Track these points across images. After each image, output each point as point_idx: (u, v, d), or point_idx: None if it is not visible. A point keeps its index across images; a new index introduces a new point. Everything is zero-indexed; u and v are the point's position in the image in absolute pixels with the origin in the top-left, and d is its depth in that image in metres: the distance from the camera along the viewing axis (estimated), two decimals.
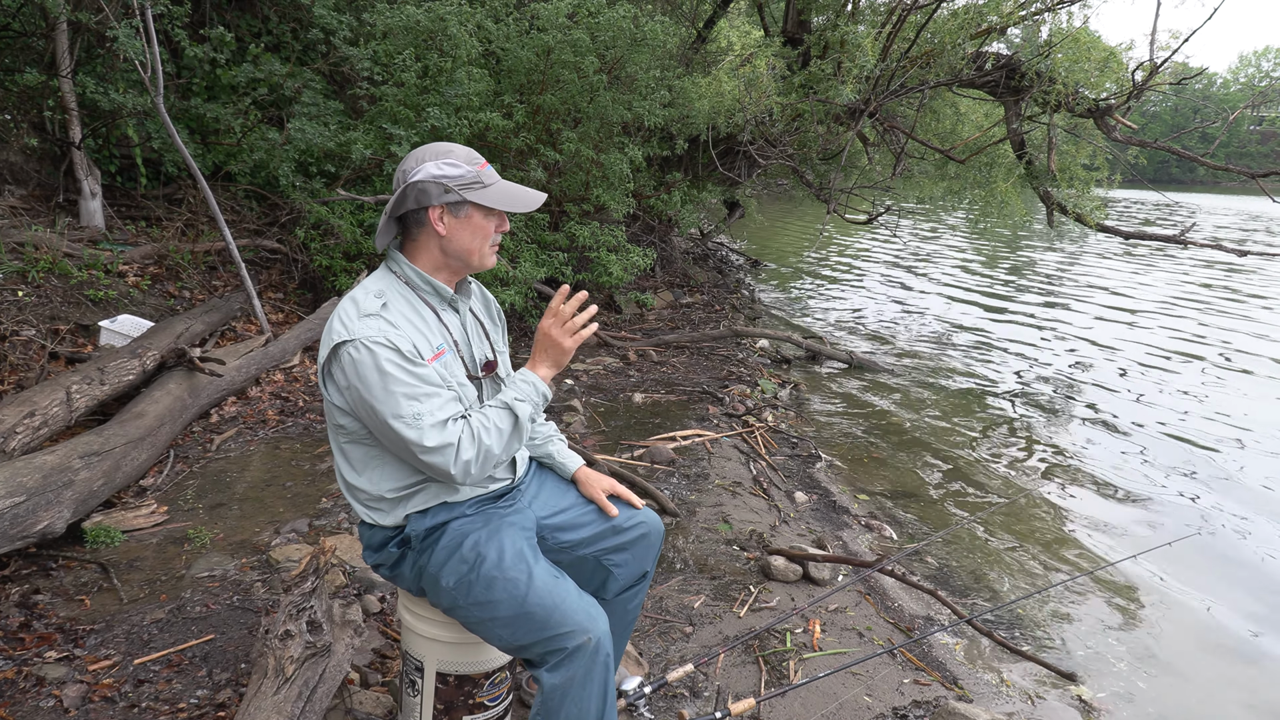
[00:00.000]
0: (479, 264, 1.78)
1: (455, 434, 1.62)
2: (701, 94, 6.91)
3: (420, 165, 1.70)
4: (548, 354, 1.75)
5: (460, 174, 1.70)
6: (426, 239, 1.75)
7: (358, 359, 1.60)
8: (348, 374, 1.62)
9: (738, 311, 8.54)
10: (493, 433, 1.66)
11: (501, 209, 1.74)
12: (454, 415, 1.65)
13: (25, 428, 3.13)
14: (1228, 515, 4.37)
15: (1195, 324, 9.56)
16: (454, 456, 1.62)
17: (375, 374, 1.59)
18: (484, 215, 1.74)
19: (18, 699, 2.13)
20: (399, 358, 1.60)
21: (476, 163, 1.74)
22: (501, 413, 1.69)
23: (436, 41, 6.10)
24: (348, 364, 1.61)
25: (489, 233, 1.76)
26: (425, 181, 1.69)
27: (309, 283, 6.42)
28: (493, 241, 1.79)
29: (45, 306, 4.52)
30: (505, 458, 1.71)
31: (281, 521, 3.26)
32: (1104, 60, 6.31)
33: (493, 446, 1.66)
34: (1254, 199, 43.62)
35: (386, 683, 2.33)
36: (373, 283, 1.75)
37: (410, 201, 1.70)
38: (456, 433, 1.63)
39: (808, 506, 4.09)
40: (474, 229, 1.74)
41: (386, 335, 1.61)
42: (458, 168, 1.70)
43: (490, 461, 1.67)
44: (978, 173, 7.68)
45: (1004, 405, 6.19)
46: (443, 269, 1.78)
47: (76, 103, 5.52)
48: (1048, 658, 2.93)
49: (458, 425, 1.64)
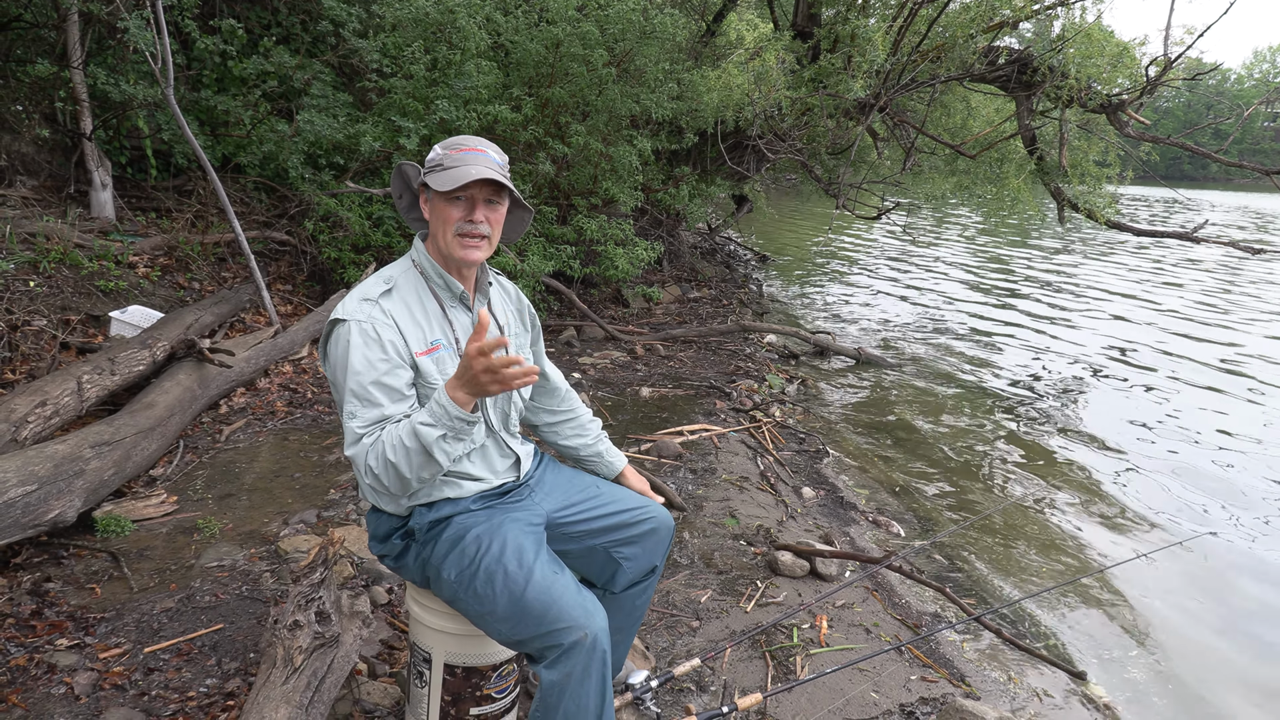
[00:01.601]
0: (453, 255, 1.72)
1: (364, 449, 1.60)
2: (710, 87, 6.87)
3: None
4: (468, 384, 1.51)
5: (431, 156, 1.72)
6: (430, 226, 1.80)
7: (340, 338, 1.65)
8: (330, 350, 1.69)
9: (745, 306, 8.53)
10: (399, 450, 1.56)
11: (441, 189, 1.65)
12: (374, 432, 1.62)
13: (37, 417, 3.15)
14: (1239, 515, 4.35)
15: (1205, 325, 9.49)
16: (362, 468, 1.61)
17: (345, 357, 1.64)
18: (444, 201, 1.70)
19: (29, 686, 2.15)
20: (372, 349, 1.63)
21: (462, 148, 1.69)
22: (408, 433, 1.56)
23: (445, 34, 6.09)
24: (334, 341, 1.68)
25: (450, 219, 1.69)
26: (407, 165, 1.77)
27: (317, 275, 6.44)
28: (458, 230, 1.69)
29: (56, 297, 4.54)
30: (417, 482, 1.60)
31: (290, 512, 3.27)
32: (1117, 55, 6.26)
33: (399, 464, 1.56)
34: (1267, 196, 43.27)
35: (394, 674, 2.34)
36: (389, 269, 1.78)
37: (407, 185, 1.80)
38: (366, 448, 1.60)
39: (815, 502, 4.08)
40: (437, 215, 1.73)
41: (374, 323, 1.65)
42: (434, 153, 1.72)
43: (399, 481, 1.58)
44: (989, 168, 7.63)
45: (1013, 402, 6.16)
46: (441, 259, 1.78)
47: (87, 94, 5.54)
48: (1057, 655, 2.92)
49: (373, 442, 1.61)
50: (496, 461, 1.88)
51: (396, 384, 1.65)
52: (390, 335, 1.64)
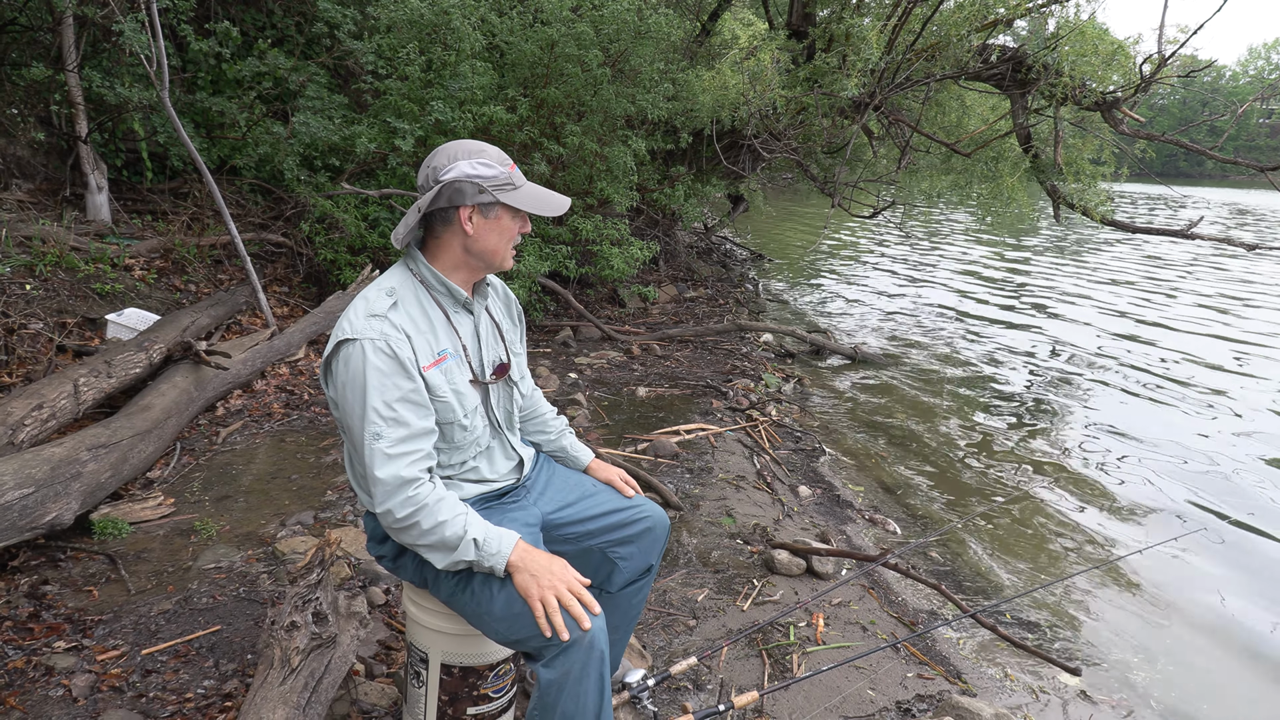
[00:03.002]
0: (500, 265, 1.80)
1: (393, 475, 1.59)
2: (705, 87, 6.88)
3: (453, 164, 1.70)
4: (534, 573, 1.60)
5: (494, 174, 1.71)
6: (450, 238, 1.75)
7: (353, 358, 1.61)
8: (338, 371, 1.64)
9: (741, 305, 8.54)
10: (435, 518, 1.60)
11: (533, 212, 1.76)
12: (407, 454, 1.61)
13: (33, 420, 3.15)
14: (1232, 511, 4.36)
15: (1202, 322, 9.52)
16: (385, 495, 1.60)
17: (362, 377, 1.60)
18: (512, 217, 1.76)
19: (27, 688, 2.15)
20: (392, 366, 1.61)
21: (507, 164, 1.75)
22: (456, 524, 1.61)
23: (440, 35, 6.09)
24: (344, 361, 1.63)
25: (514, 234, 1.79)
26: (461, 180, 1.69)
27: (314, 276, 6.44)
28: (515, 243, 1.81)
29: (52, 300, 4.54)
30: (421, 545, 1.63)
31: (287, 514, 3.28)
32: (1111, 53, 6.27)
33: (423, 525, 1.60)
34: (1262, 192, 43.35)
35: (391, 674, 2.34)
36: (387, 279, 1.75)
37: (443, 200, 1.70)
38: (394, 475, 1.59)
39: (811, 501, 4.09)
40: (501, 230, 1.75)
41: (387, 340, 1.61)
42: (491, 168, 1.71)
43: (413, 533, 1.61)
44: (984, 166, 7.64)
45: (1008, 400, 6.18)
46: (462, 269, 1.78)
47: (83, 97, 5.53)
48: (1051, 652, 2.93)
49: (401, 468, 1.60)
50: (501, 463, 1.89)
51: (420, 399, 1.65)
52: (406, 352, 1.63)
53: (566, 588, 1.59)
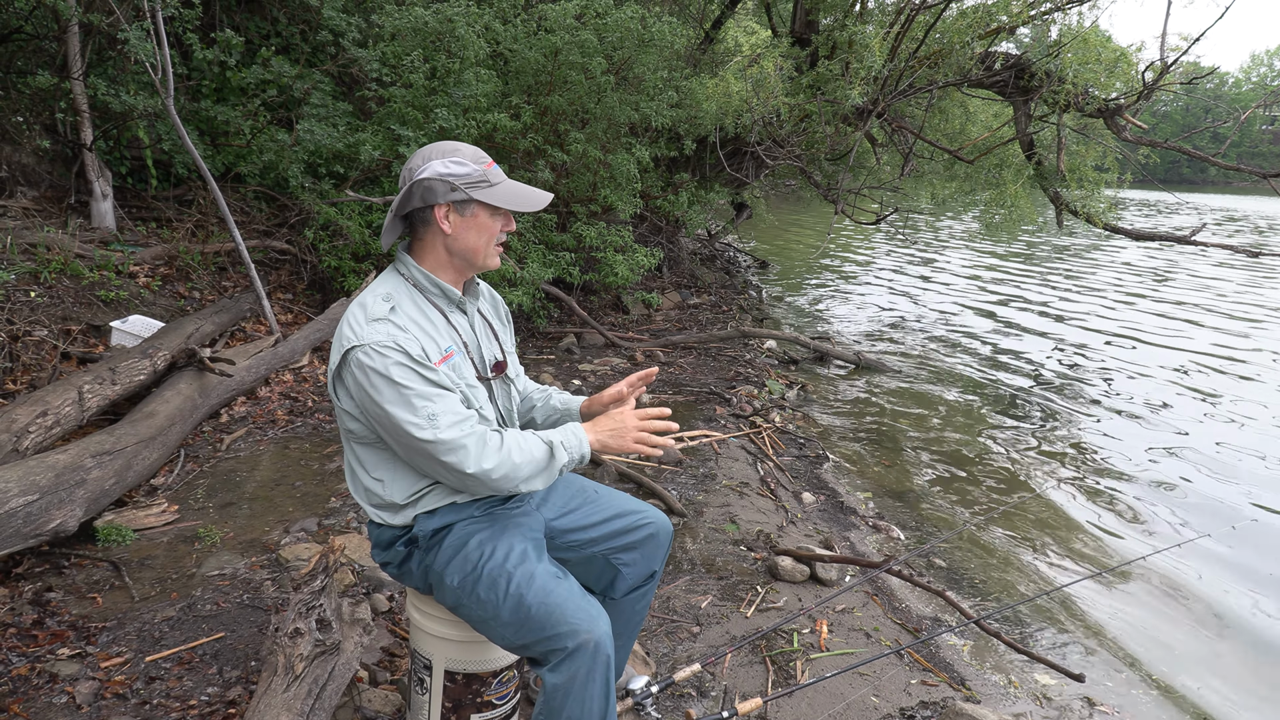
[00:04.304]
0: (483, 264, 1.79)
1: (469, 433, 1.62)
2: (709, 95, 6.91)
3: (427, 163, 1.70)
4: (609, 436, 1.76)
5: (467, 172, 1.70)
6: (432, 238, 1.75)
7: (368, 364, 1.59)
8: (359, 379, 1.61)
9: (745, 312, 8.54)
10: (525, 453, 1.67)
11: (508, 208, 1.74)
12: (467, 416, 1.65)
13: (38, 427, 3.16)
14: (1237, 518, 4.35)
15: (1207, 326, 9.50)
16: (469, 456, 1.61)
17: (385, 379, 1.59)
18: (490, 214, 1.74)
19: (31, 695, 2.15)
20: (409, 361, 1.60)
21: (483, 161, 1.73)
22: (541, 445, 1.70)
23: (444, 43, 6.12)
24: (358, 369, 1.61)
25: (494, 232, 1.76)
26: (431, 179, 1.69)
27: (318, 283, 6.45)
28: (497, 241, 1.78)
29: (57, 307, 4.55)
30: (525, 486, 1.68)
31: (291, 520, 3.28)
32: (1114, 60, 6.29)
33: (521, 466, 1.66)
34: (1265, 199, 43.31)
35: (395, 681, 2.34)
36: (380, 285, 1.74)
37: (416, 199, 1.70)
38: (470, 432, 1.62)
39: (815, 507, 4.09)
40: (479, 228, 1.74)
41: (395, 339, 1.61)
42: (464, 166, 1.70)
43: (513, 478, 1.66)
44: (987, 173, 7.65)
45: (1011, 406, 6.16)
46: (447, 268, 1.78)
47: (88, 105, 5.56)
48: (1056, 658, 2.92)
49: (472, 426, 1.64)
50: None
51: (446, 381, 1.65)
52: (416, 348, 1.63)
53: (639, 429, 1.76)
